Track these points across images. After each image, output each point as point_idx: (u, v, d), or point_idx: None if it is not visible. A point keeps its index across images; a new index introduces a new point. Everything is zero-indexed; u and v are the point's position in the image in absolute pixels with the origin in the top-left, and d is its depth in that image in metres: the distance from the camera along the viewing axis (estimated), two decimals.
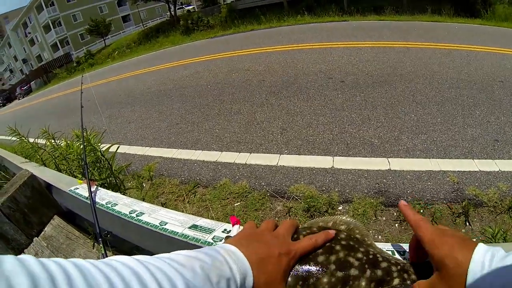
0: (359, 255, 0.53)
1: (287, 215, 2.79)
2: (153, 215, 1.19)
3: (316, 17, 14.14)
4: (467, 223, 2.46)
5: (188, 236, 1.00)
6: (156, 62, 12.02)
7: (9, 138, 3.69)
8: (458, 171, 2.92)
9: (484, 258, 0.42)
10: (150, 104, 6.97)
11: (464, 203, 2.52)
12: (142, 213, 1.22)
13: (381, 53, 6.63)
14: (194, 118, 5.37)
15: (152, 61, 12.67)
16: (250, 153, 3.80)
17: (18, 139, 3.39)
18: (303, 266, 0.52)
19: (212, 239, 0.96)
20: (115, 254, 1.38)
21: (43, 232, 1.71)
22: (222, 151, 4.00)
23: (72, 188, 1.59)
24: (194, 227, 1.05)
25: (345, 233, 0.57)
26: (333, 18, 13.23)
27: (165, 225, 1.10)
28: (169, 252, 0.72)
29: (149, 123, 5.81)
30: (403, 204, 0.57)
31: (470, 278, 0.41)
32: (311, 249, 0.54)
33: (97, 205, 1.39)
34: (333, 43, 7.80)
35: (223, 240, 0.93)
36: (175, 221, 1.12)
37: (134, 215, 1.23)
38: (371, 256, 0.53)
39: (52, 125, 3.30)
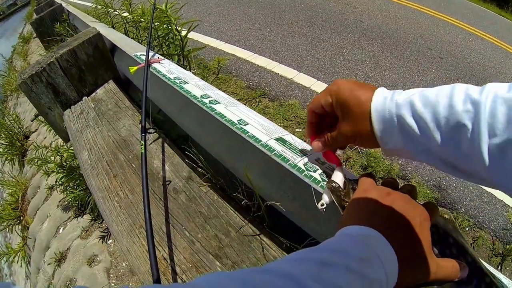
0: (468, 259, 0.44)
1: (343, 163, 2.66)
2: (230, 108, 0.96)
3: None
4: (499, 267, 2.26)
5: (274, 150, 0.75)
6: None
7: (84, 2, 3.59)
8: None
9: (385, 93, 0.48)
10: (236, 2, 6.61)
11: (508, 246, 2.30)
12: (217, 102, 0.99)
13: (490, 50, 5.85)
14: (279, 30, 5.04)
15: None
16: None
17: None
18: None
19: (304, 165, 0.70)
20: (161, 138, 1.18)
21: (94, 93, 1.65)
22: (300, 72, 3.77)
23: (138, 54, 1.47)
24: (281, 141, 0.79)
25: (451, 225, 0.47)
26: None
27: (245, 125, 0.84)
28: (232, 157, 0.81)
29: (231, 19, 5.54)
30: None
31: (374, 110, 0.47)
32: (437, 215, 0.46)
33: (163, 78, 1.20)
34: (444, 16, 6.89)
35: (318, 171, 0.69)
36: (258, 124, 0.86)
37: (206, 100, 0.99)
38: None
39: None
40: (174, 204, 0.98)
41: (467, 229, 2.39)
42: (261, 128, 0.84)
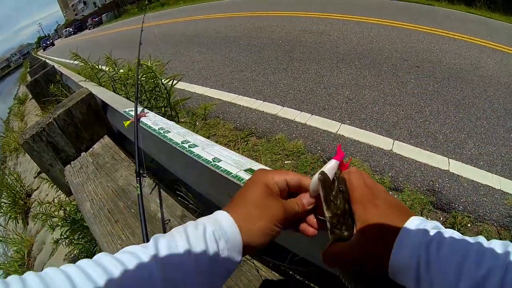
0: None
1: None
2: (207, 149, 1.10)
3: None
4: None
5: (243, 179, 0.87)
6: (229, 9, 11.88)
7: (74, 62, 3.87)
8: None
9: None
10: (217, 48, 6.98)
11: None
12: (195, 145, 1.14)
13: (464, 48, 6.09)
14: (260, 68, 5.33)
15: (226, 8, 12.53)
16: (312, 114, 3.75)
17: (80, 63, 3.54)
18: None
19: None
20: (156, 184, 1.35)
21: (91, 149, 1.78)
22: (283, 106, 3.98)
23: (127, 110, 1.62)
24: (250, 171, 0.91)
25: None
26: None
27: (218, 162, 0.99)
28: (215, 191, 0.84)
29: (214, 65, 5.87)
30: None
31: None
32: None
33: (149, 130, 1.36)
34: (415, 26, 7.24)
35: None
36: (230, 160, 1.00)
37: (186, 145, 1.14)
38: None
39: (117, 54, 3.37)
40: None
41: (468, 225, 2.38)
42: (232, 163, 0.98)
